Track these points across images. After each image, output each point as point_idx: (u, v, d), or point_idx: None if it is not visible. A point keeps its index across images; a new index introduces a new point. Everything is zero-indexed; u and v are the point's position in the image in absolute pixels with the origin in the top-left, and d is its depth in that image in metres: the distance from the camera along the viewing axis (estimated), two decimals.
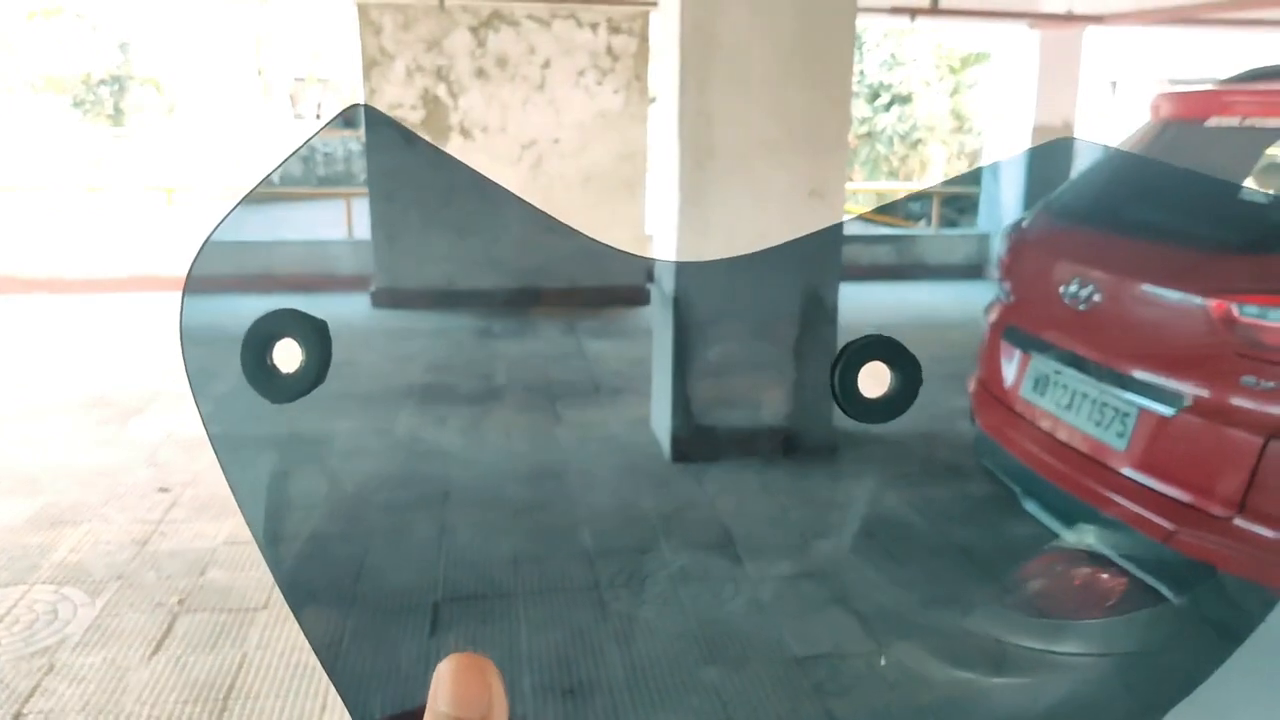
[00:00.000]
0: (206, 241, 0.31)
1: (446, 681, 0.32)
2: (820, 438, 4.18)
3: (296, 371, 0.29)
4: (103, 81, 22.93)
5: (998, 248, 3.37)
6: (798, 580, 3.09)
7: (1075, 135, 8.41)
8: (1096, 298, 2.59)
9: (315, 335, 0.30)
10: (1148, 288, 2.52)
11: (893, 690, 2.50)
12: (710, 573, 3.12)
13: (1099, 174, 2.96)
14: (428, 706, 0.32)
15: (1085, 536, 2.56)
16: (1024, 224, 3.16)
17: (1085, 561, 2.62)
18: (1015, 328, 2.97)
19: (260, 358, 0.29)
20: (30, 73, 21.31)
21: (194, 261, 0.31)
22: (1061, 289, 2.70)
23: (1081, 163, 2.94)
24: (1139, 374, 2.44)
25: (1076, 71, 8.39)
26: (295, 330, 0.30)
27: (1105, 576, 2.59)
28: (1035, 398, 2.80)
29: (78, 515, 3.48)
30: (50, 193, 15.76)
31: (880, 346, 0.26)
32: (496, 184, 0.36)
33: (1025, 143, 8.36)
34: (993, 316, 3.15)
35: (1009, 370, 2.97)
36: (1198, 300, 2.33)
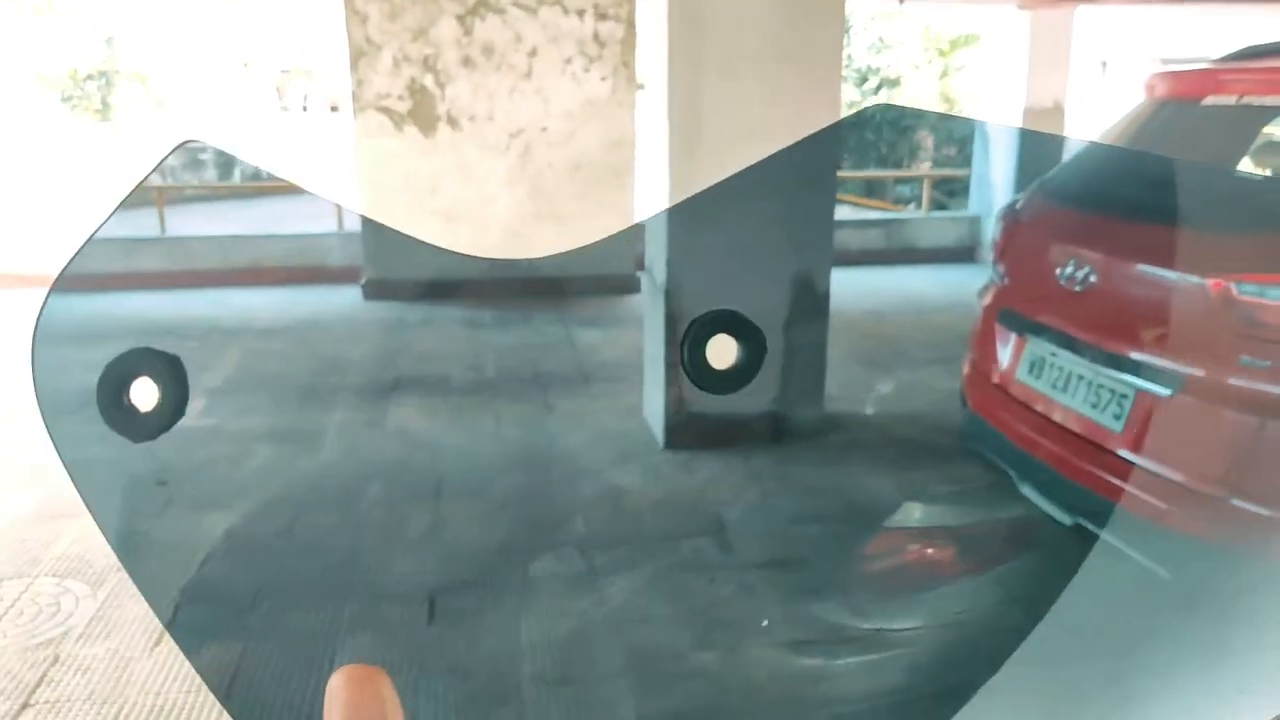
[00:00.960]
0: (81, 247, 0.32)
1: (339, 696, 0.30)
2: (808, 422, 4.20)
3: (155, 409, 0.30)
4: (90, 77, 22.76)
5: (991, 230, 3.39)
6: (787, 566, 3.11)
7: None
8: (1093, 279, 2.61)
9: (170, 372, 0.30)
10: (1145, 268, 2.54)
11: (887, 680, 2.52)
12: (702, 558, 3.14)
13: (1094, 153, 2.97)
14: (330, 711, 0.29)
15: (1080, 518, 2.59)
16: (1018, 205, 3.17)
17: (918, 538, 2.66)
18: (1010, 310, 2.99)
19: (116, 399, 0.29)
20: (19, 69, 21.13)
21: (67, 265, 0.31)
22: (1057, 270, 2.72)
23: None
24: (1136, 355, 2.46)
25: (1067, 52, 8.40)
26: (150, 368, 0.30)
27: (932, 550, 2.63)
28: (1031, 380, 2.82)
29: (78, 509, 3.48)
30: (42, 188, 15.67)
31: (726, 319, 0.27)
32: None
33: (1016, 124, 8.37)
34: (987, 299, 3.17)
35: (1004, 353, 2.99)
36: (1195, 280, 2.35)
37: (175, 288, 7.52)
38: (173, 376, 0.29)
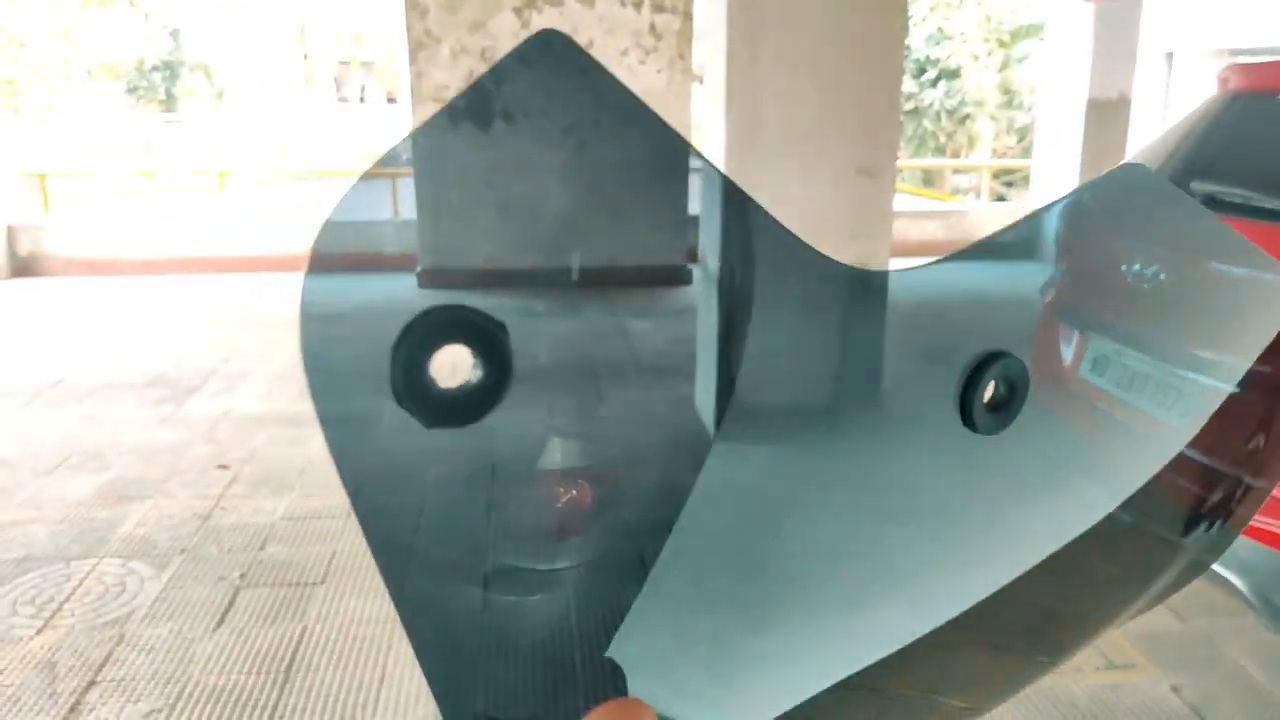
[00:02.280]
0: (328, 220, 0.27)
1: None
2: (864, 415, 4.15)
3: (460, 388, 0.21)
4: (155, 68, 23.33)
5: (1056, 223, 3.28)
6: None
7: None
8: (1162, 276, 2.53)
9: (491, 342, 0.22)
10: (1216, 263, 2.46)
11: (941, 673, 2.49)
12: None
13: (1163, 146, 2.88)
14: None
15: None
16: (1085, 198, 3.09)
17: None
18: (1073, 305, 2.92)
19: (414, 369, 0.20)
20: (86, 60, 21.74)
21: (315, 240, 0.27)
22: (1124, 266, 2.65)
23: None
24: (1205, 353, 2.38)
25: (1134, 43, 8.16)
26: (465, 334, 0.21)
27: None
28: (1094, 378, 2.75)
29: (142, 491, 3.58)
30: (106, 177, 16.12)
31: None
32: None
33: (1078, 117, 8.16)
34: (1049, 295, 3.10)
35: (1066, 350, 2.92)
36: (1269, 275, 2.27)
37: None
38: (495, 349, 0.21)
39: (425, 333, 0.22)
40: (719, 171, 0.31)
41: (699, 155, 0.31)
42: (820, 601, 0.31)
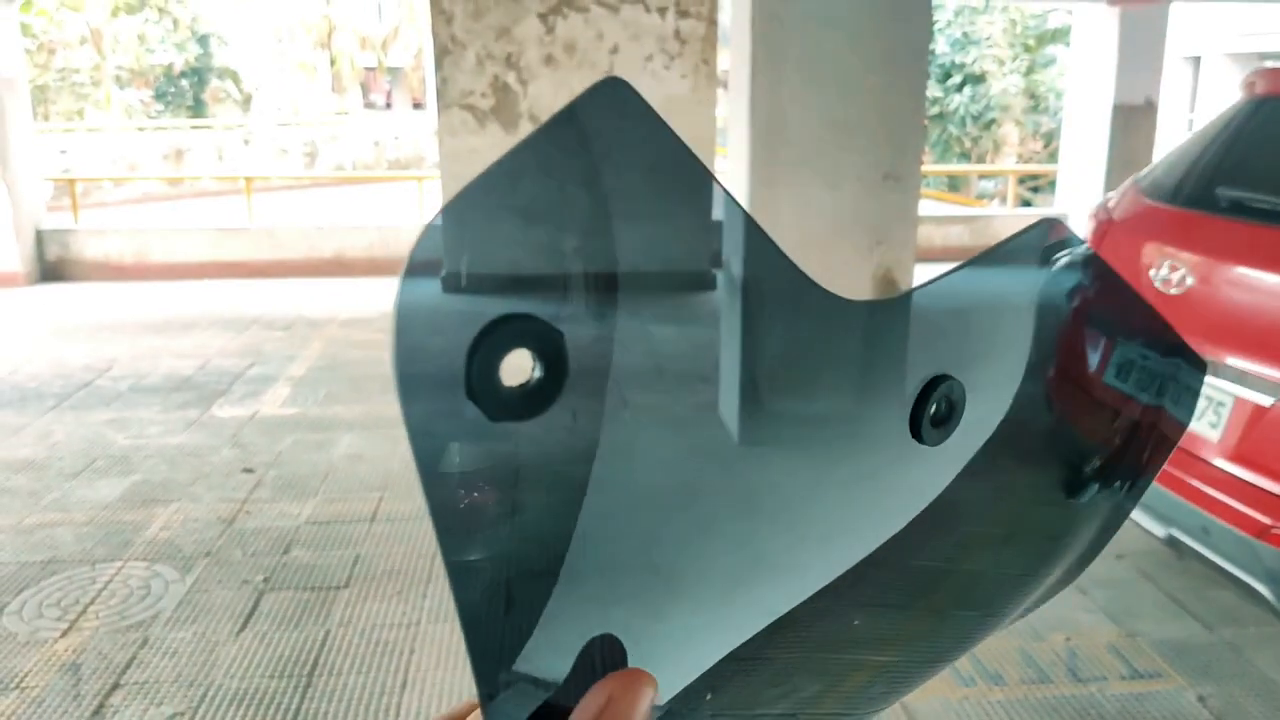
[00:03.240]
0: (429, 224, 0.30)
1: (618, 699, 0.31)
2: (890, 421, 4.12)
3: (523, 386, 0.27)
4: (183, 74, 23.62)
5: (1081, 228, 3.27)
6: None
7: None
8: (1189, 280, 2.50)
9: (551, 348, 0.27)
10: (1244, 270, 2.42)
11: (967, 685, 2.46)
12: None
13: (1190, 151, 2.85)
14: (584, 712, 0.31)
15: (1174, 530, 2.48)
16: (1110, 203, 3.05)
17: None
18: (1098, 312, 2.89)
19: (487, 369, 0.27)
20: (115, 67, 22.05)
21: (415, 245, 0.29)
22: (1150, 271, 2.62)
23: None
24: (1235, 361, 2.35)
25: (1160, 48, 8.08)
26: (529, 340, 0.27)
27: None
28: (1118, 383, 2.72)
29: (167, 494, 3.61)
30: (134, 182, 16.34)
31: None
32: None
33: (1104, 122, 8.09)
34: (1075, 299, 3.06)
35: (1092, 355, 2.89)
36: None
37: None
38: (554, 353, 0.27)
39: (496, 337, 0.27)
40: (751, 220, 0.34)
41: (753, 224, 0.35)
42: (706, 583, 0.35)
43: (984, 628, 0.48)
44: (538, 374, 0.29)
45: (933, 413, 0.39)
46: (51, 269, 7.85)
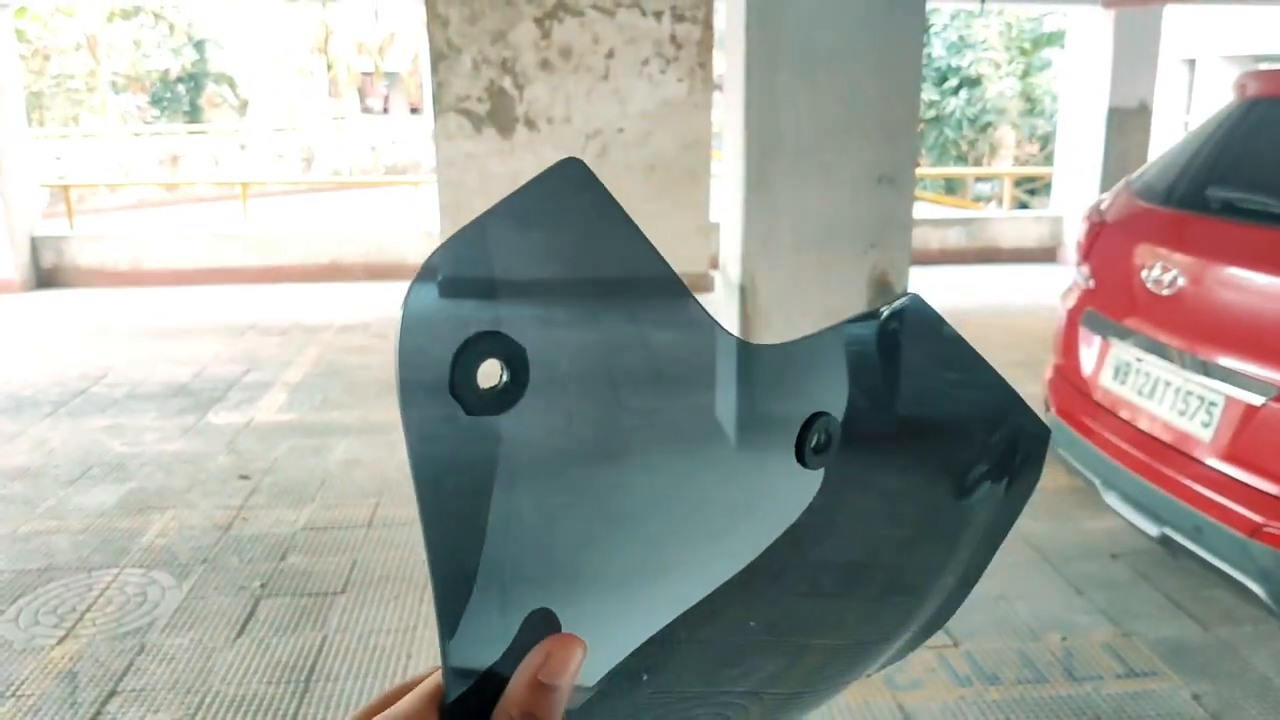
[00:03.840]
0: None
1: (555, 656, 0.36)
2: (882, 423, 4.13)
3: (493, 388, 0.35)
4: (179, 80, 23.62)
5: (1075, 229, 3.29)
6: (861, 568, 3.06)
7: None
8: (1181, 281, 2.51)
9: (517, 358, 0.35)
10: (1236, 271, 2.43)
11: (963, 686, 2.47)
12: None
13: (1183, 153, 2.86)
14: (521, 674, 0.36)
15: (1168, 530, 2.49)
16: (1103, 205, 3.06)
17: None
18: (1094, 313, 2.89)
19: (467, 372, 0.34)
20: (111, 72, 22.05)
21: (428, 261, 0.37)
22: (1144, 272, 2.63)
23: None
24: (1226, 361, 2.35)
25: (1154, 51, 8.10)
26: (498, 350, 0.35)
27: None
28: (1115, 386, 2.73)
29: (163, 501, 3.61)
30: (130, 188, 16.33)
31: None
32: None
33: (1099, 125, 8.11)
34: (1070, 302, 3.07)
35: (1088, 357, 2.90)
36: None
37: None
38: (517, 363, 0.35)
39: (475, 347, 0.34)
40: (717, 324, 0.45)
41: (698, 305, 0.43)
42: (630, 571, 0.44)
43: (909, 612, 0.57)
44: (505, 378, 0.36)
45: (814, 443, 0.47)
46: (47, 276, 7.84)
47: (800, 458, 0.48)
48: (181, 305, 7.16)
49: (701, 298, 0.46)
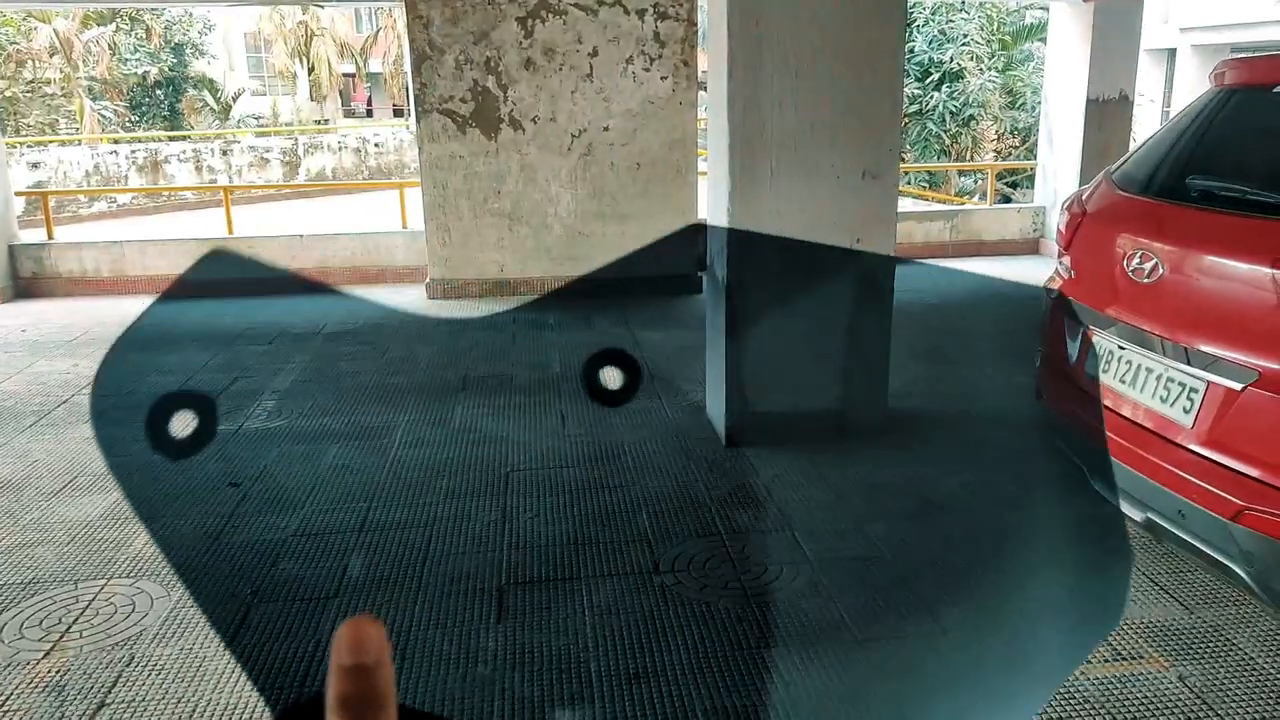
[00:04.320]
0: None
1: (346, 637, 0.37)
2: (872, 419, 4.15)
3: (189, 435, 0.35)
4: (157, 84, 23.43)
5: (1057, 220, 3.30)
6: (854, 563, 3.08)
7: None
8: (1161, 270, 2.52)
9: (205, 407, 0.35)
10: (1216, 259, 2.45)
11: (959, 676, 2.48)
12: (768, 553, 3.12)
13: (1161, 142, 2.88)
14: (331, 666, 0.36)
15: (1152, 514, 2.51)
16: (1084, 196, 3.08)
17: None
18: (1076, 303, 2.91)
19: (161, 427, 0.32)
20: (87, 77, 21.86)
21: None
22: (1124, 262, 2.64)
23: None
24: (1206, 347, 2.37)
25: (1134, 42, 8.16)
26: (187, 404, 0.37)
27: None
28: (1099, 374, 2.75)
29: (151, 510, 3.58)
30: (110, 195, 16.20)
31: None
32: None
33: (1078, 117, 8.16)
34: (1053, 292, 3.09)
35: (1072, 347, 2.92)
36: (1267, 270, 2.26)
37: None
38: (207, 411, 0.34)
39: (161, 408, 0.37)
40: None
41: None
42: None
43: None
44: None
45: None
46: (26, 285, 7.78)
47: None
48: (165, 313, 7.10)
49: (691, 297, 0.48)
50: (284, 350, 5.98)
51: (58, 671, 2.57)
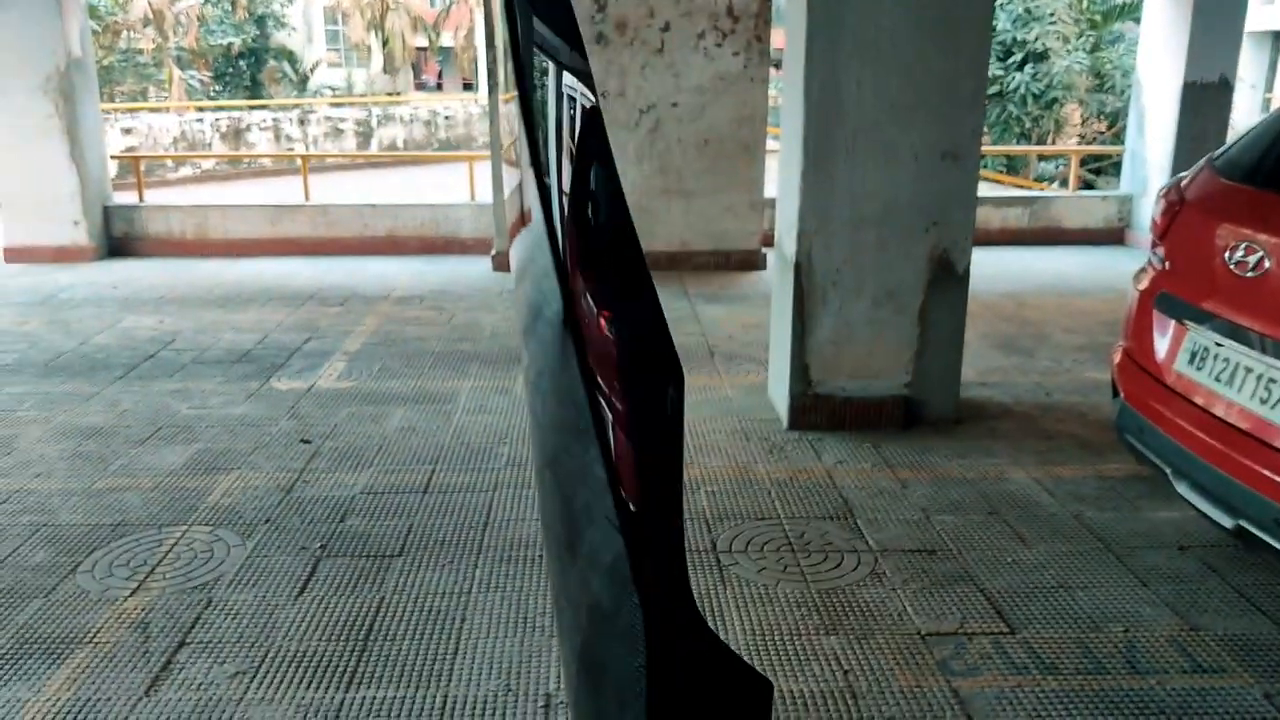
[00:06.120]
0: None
1: None
2: (942, 407, 4.07)
3: None
4: (241, 55, 23.93)
5: (1152, 209, 3.17)
6: (919, 555, 3.03)
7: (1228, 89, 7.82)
8: (1267, 264, 2.41)
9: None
10: None
11: (1020, 674, 2.43)
12: (830, 542, 3.09)
13: (1270, 128, 2.75)
14: None
15: (1243, 521, 2.41)
16: (1183, 183, 2.96)
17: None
18: (1170, 295, 2.80)
19: None
20: (176, 47, 22.45)
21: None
22: (1226, 254, 2.53)
23: None
24: None
25: (1238, 23, 7.77)
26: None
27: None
28: (1191, 371, 2.65)
29: (229, 462, 3.70)
30: (194, 161, 16.67)
31: None
32: None
33: (1174, 101, 7.83)
34: (1143, 284, 2.98)
35: (1161, 342, 2.81)
36: None
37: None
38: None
39: None
40: None
41: None
42: None
43: None
44: None
45: None
46: (118, 245, 8.05)
47: None
48: (244, 274, 7.31)
49: (753, 274, 0.45)
50: (355, 312, 6.10)
51: (143, 610, 2.68)
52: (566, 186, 0.74)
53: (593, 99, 0.61)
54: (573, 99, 0.69)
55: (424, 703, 2.30)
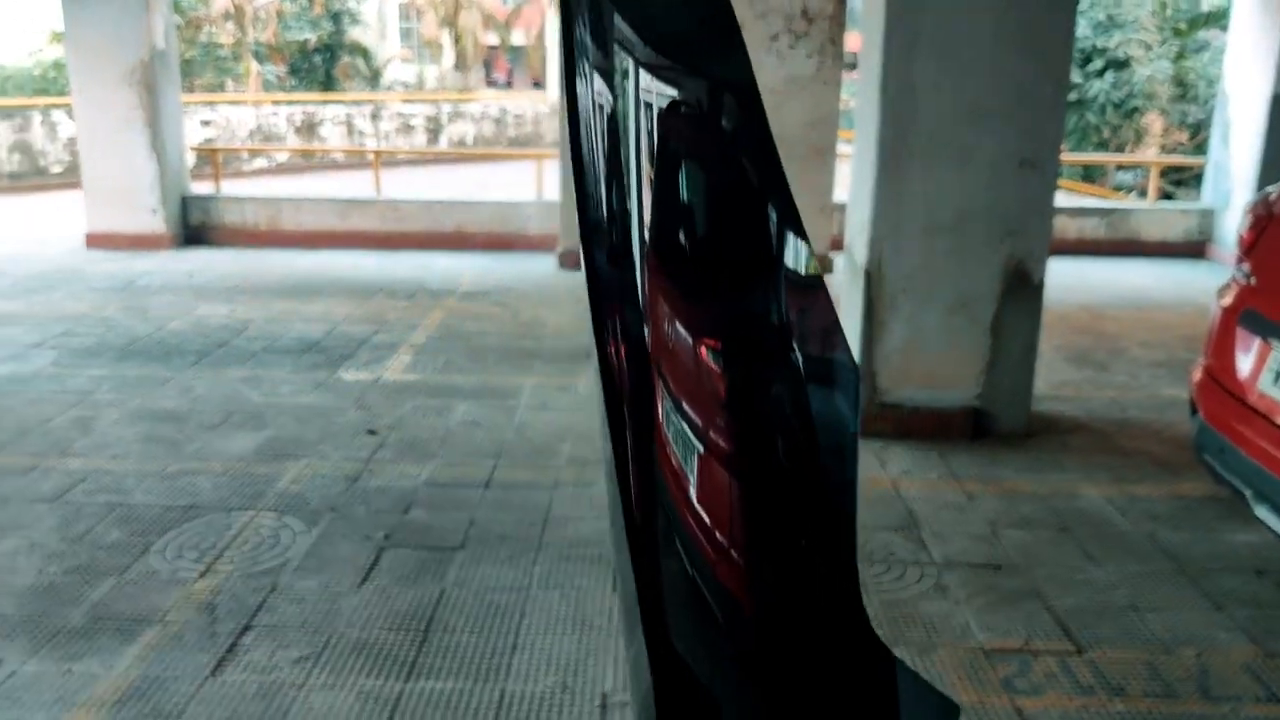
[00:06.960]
0: None
1: None
2: (1013, 420, 3.98)
3: None
4: (316, 50, 24.45)
5: (1236, 223, 3.06)
6: (984, 570, 2.96)
7: None
8: None
9: None
10: None
11: (1086, 695, 2.36)
12: (893, 553, 3.04)
13: None
14: None
15: None
16: (1271, 197, 2.85)
17: None
18: (1255, 313, 2.71)
19: None
20: (255, 42, 23.04)
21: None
22: None
23: None
24: None
25: None
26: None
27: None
28: (1276, 392, 2.55)
29: (297, 450, 3.78)
30: (269, 153, 17.07)
31: None
32: None
33: (1261, 112, 7.56)
34: (1227, 300, 2.88)
35: (1244, 360, 2.71)
36: None
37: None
38: None
39: None
40: None
41: None
42: None
43: None
44: None
45: None
46: (194, 233, 8.28)
47: None
48: (315, 266, 7.46)
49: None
50: (421, 306, 6.19)
51: (211, 592, 2.75)
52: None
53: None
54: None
55: (481, 696, 2.32)
